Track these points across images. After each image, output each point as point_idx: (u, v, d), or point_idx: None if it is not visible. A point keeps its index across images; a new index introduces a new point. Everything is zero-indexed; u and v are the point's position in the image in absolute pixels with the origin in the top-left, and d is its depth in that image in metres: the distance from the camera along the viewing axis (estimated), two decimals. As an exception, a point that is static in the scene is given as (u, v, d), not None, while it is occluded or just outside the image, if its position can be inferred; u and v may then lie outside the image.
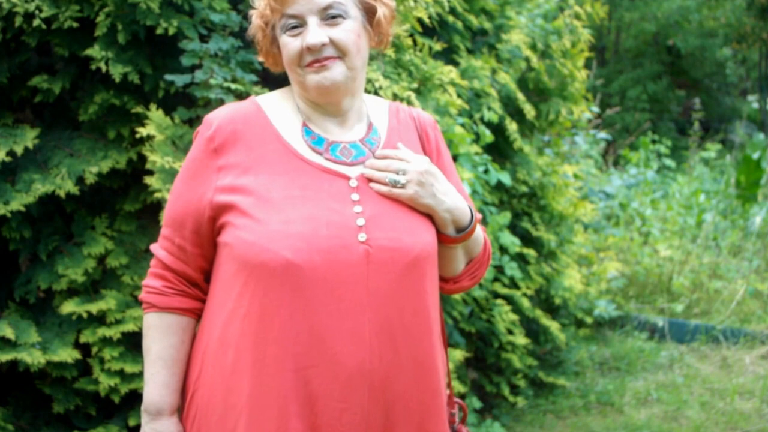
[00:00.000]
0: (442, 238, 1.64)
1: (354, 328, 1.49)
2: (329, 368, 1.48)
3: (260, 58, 1.69)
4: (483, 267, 1.76)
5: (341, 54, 1.55)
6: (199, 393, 1.58)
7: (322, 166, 1.58)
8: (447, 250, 1.66)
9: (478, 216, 1.73)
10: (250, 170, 1.55)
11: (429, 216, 1.61)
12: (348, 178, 1.58)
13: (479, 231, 1.71)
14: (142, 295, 1.64)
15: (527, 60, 4.19)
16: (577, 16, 4.55)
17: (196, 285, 1.65)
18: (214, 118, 1.61)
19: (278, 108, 1.65)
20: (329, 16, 1.56)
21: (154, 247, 1.67)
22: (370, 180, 1.59)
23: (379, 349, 1.50)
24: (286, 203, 1.51)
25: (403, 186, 1.58)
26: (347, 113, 1.64)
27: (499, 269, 3.94)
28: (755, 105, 18.94)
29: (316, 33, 1.53)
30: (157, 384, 1.62)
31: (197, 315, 1.66)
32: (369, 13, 1.62)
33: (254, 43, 1.67)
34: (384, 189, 1.58)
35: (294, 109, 1.65)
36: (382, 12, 1.63)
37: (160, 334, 1.62)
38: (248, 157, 1.57)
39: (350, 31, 1.56)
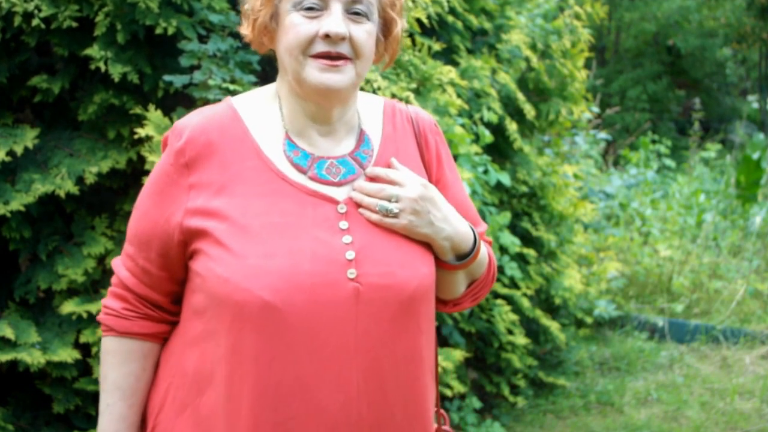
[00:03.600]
0: (442, 265, 1.47)
1: (340, 375, 1.32)
2: (313, 419, 1.32)
3: (243, 30, 1.46)
4: (486, 287, 1.59)
5: (355, 55, 1.37)
6: (159, 429, 1.44)
7: (306, 188, 1.38)
8: (447, 275, 1.50)
9: (488, 240, 1.61)
10: (225, 190, 1.36)
11: (427, 244, 1.44)
12: (336, 203, 1.39)
13: (484, 251, 1.54)
14: (101, 316, 1.47)
15: (527, 60, 4.19)
16: (577, 16, 4.55)
17: (161, 308, 1.47)
18: (184, 126, 1.41)
19: (258, 114, 1.45)
20: (355, 12, 1.38)
21: (116, 264, 1.49)
22: (360, 205, 1.41)
23: (367, 396, 1.34)
24: (265, 232, 1.32)
25: (395, 215, 1.40)
26: (336, 124, 1.44)
27: (499, 269, 3.94)
28: (755, 105, 18.93)
29: (340, 22, 1.34)
30: (113, 416, 1.45)
31: (162, 339, 1.49)
32: (386, 25, 1.46)
33: (241, 4, 1.46)
34: (374, 218, 1.39)
35: (276, 115, 1.45)
36: (400, 27, 1.47)
37: (119, 361, 1.46)
38: (223, 174, 1.37)
39: (370, 35, 1.39)
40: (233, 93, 2.55)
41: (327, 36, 1.34)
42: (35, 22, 2.42)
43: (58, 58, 2.66)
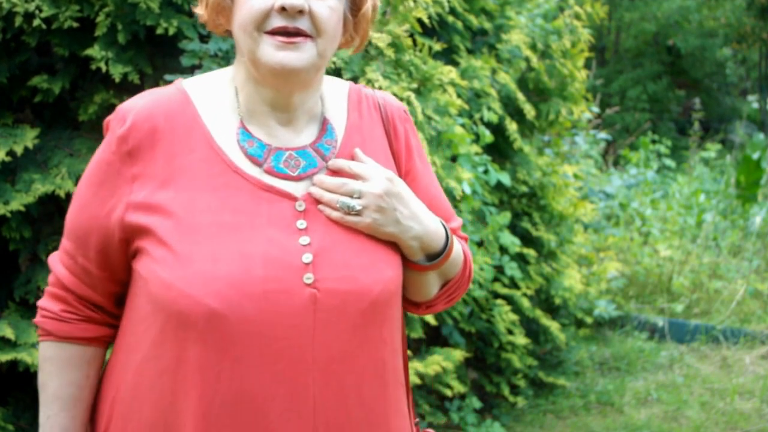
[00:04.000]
0: (411, 266, 1.34)
1: (295, 392, 1.20)
2: None
3: (198, 9, 1.33)
4: (462, 288, 1.46)
5: (316, 33, 1.23)
6: None
7: (261, 182, 1.25)
8: (417, 276, 1.37)
9: (463, 236, 1.49)
10: (171, 183, 1.23)
11: (393, 243, 1.32)
12: (294, 199, 1.26)
13: (458, 249, 1.41)
14: (38, 319, 1.34)
15: (527, 60, 4.19)
16: (577, 16, 4.55)
17: (103, 310, 1.34)
18: (128, 110, 1.27)
19: (212, 98, 1.31)
20: None
21: (53, 260, 1.35)
22: (320, 201, 1.28)
23: (325, 414, 1.22)
24: (213, 232, 1.20)
25: (358, 213, 1.27)
26: (296, 111, 1.31)
27: (499, 269, 3.94)
28: (755, 105, 18.94)
29: None
30: (53, 429, 1.33)
31: (107, 343, 1.36)
32: (354, 1, 1.34)
33: None
34: (335, 215, 1.26)
35: (231, 101, 1.31)
36: (370, 4, 1.34)
37: (59, 369, 1.32)
38: (169, 165, 1.24)
39: (334, 10, 1.25)
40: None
41: (283, 9, 1.20)
42: (36, 22, 2.42)
43: (59, 58, 2.66)
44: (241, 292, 1.17)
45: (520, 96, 4.08)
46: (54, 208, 2.66)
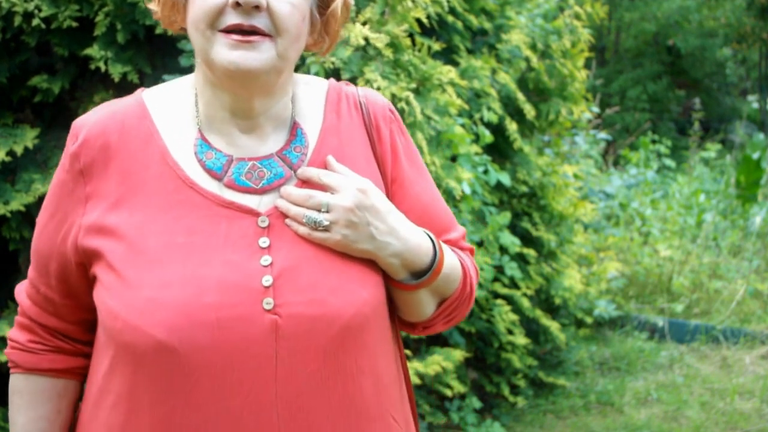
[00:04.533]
0: (396, 285, 1.21)
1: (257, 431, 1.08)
2: None
3: (152, 5, 1.23)
4: (463, 306, 1.31)
5: (275, 32, 1.12)
6: None
7: (219, 198, 1.14)
8: (406, 296, 1.23)
9: (468, 246, 1.35)
10: (124, 203, 1.14)
11: (369, 261, 1.18)
12: (256, 215, 1.15)
13: (452, 264, 1.26)
14: (6, 350, 1.27)
15: (527, 60, 4.19)
16: (577, 16, 4.55)
17: (73, 339, 1.25)
18: (81, 125, 1.19)
19: (170, 107, 1.22)
20: None
21: (19, 290, 1.30)
22: (286, 216, 1.16)
23: None
24: (164, 255, 1.10)
25: (326, 228, 1.14)
26: (259, 117, 1.19)
27: (499, 269, 3.94)
28: (755, 105, 18.95)
29: None
30: None
31: (81, 375, 1.27)
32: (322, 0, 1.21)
33: None
34: (302, 231, 1.15)
35: (190, 110, 1.21)
36: (340, 2, 1.22)
37: (28, 402, 1.24)
38: (123, 184, 1.15)
39: (296, 7, 1.13)
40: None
41: (237, 4, 1.09)
42: (35, 22, 2.42)
43: (58, 58, 2.66)
44: (191, 320, 1.06)
45: (520, 96, 4.08)
46: (54, 208, 2.66)
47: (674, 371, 5.04)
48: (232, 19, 1.10)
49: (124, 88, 2.64)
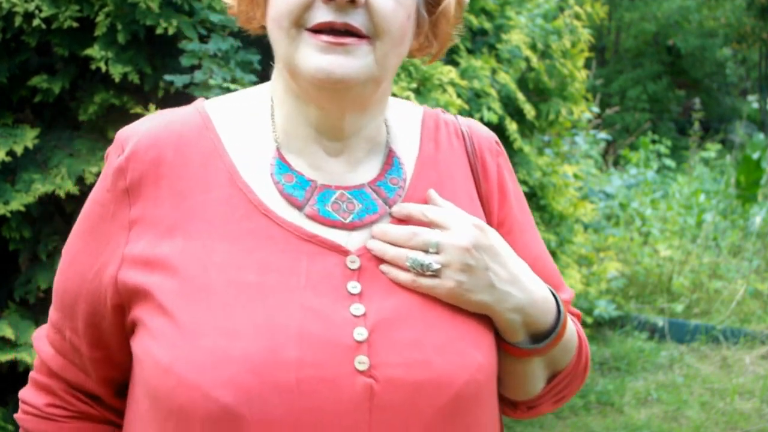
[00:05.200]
0: (509, 349, 1.00)
1: None
2: None
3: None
4: (576, 383, 1.10)
5: (375, 33, 0.92)
6: None
7: (301, 230, 0.95)
8: (515, 365, 1.02)
9: (575, 312, 1.15)
10: (179, 231, 0.94)
11: (482, 317, 0.97)
12: (345, 253, 0.95)
13: (571, 329, 1.06)
14: (18, 415, 1.06)
15: (527, 60, 4.20)
16: (577, 16, 4.55)
17: (101, 402, 1.04)
18: (129, 135, 0.99)
19: (240, 122, 1.02)
20: None
21: (38, 337, 1.07)
22: (380, 260, 0.96)
23: None
24: (231, 296, 0.89)
25: (435, 273, 0.94)
26: (351, 138, 1.00)
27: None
28: (755, 105, 18.95)
29: None
30: None
31: None
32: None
33: None
34: (404, 278, 0.95)
35: (265, 125, 1.02)
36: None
37: None
38: (178, 207, 0.95)
39: (400, 4, 0.93)
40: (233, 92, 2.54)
41: None
42: (36, 22, 2.42)
43: (59, 58, 2.66)
44: (264, 380, 0.85)
45: (520, 96, 4.08)
46: (54, 208, 2.66)
47: (674, 371, 5.04)
48: (323, 15, 0.91)
49: (124, 89, 2.64)
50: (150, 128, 1.00)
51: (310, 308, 0.90)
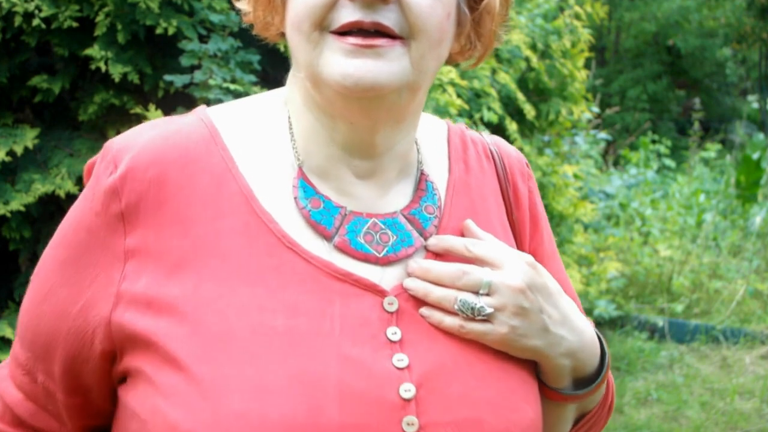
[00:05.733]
0: (549, 395, 0.91)
1: None
2: None
3: (242, 4, 0.92)
4: (601, 422, 1.03)
5: (410, 33, 0.80)
6: None
7: (331, 266, 0.82)
8: (551, 408, 0.93)
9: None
10: (187, 266, 0.80)
11: (529, 362, 0.88)
12: (382, 294, 0.83)
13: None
14: None
15: (527, 60, 4.20)
16: (577, 16, 4.55)
17: None
18: (123, 149, 0.84)
19: (253, 136, 0.88)
20: None
21: (1, 377, 0.91)
22: (421, 301, 0.84)
23: None
24: (257, 345, 0.77)
25: (486, 318, 0.83)
26: (383, 156, 0.87)
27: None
28: (755, 105, 18.96)
29: None
30: None
31: None
32: None
33: None
34: (450, 323, 0.83)
35: (284, 140, 0.88)
36: None
37: None
38: (185, 236, 0.81)
39: (439, 1, 0.82)
40: (234, 92, 2.55)
41: None
42: (36, 22, 2.42)
43: (58, 58, 2.66)
44: None
45: (520, 96, 4.08)
46: (54, 208, 2.66)
47: (674, 371, 5.04)
48: (349, 15, 0.79)
49: (124, 88, 2.64)
50: (149, 141, 0.84)
51: (349, 358, 0.78)
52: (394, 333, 0.81)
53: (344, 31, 0.80)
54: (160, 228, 0.81)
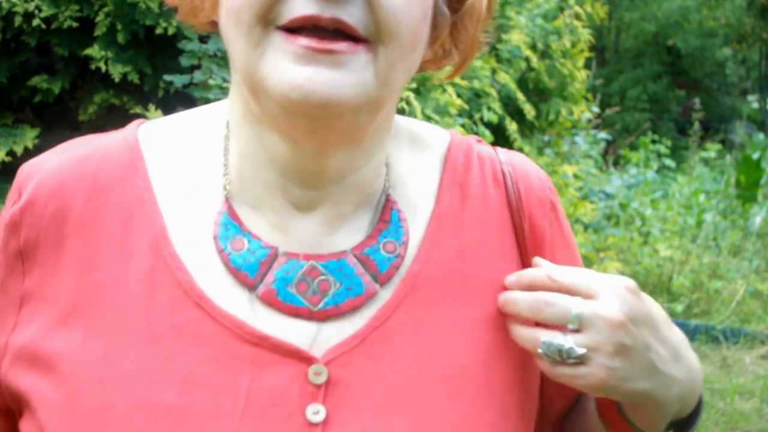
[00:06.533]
0: None
1: None
2: None
3: None
4: None
5: (378, 35, 0.63)
6: None
7: (245, 327, 0.66)
8: None
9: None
10: (77, 316, 0.67)
11: (525, 422, 0.74)
12: (309, 362, 0.66)
13: None
14: None
15: (527, 60, 4.20)
16: (577, 16, 4.56)
17: None
18: (30, 175, 0.72)
19: (181, 159, 0.73)
20: None
21: None
22: (374, 364, 0.68)
23: None
24: (136, 425, 0.63)
25: (579, 360, 0.66)
26: (333, 185, 0.71)
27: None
28: (755, 105, 18.96)
29: None
30: None
31: None
32: None
33: None
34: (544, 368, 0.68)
35: (215, 162, 0.73)
36: None
37: None
38: (82, 281, 0.68)
39: (414, 1, 0.64)
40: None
41: None
42: (36, 22, 2.43)
43: (58, 58, 2.66)
44: None
45: (520, 96, 4.08)
46: (54, 208, 2.66)
47: (674, 371, 5.05)
48: (302, 7, 0.61)
49: (124, 88, 2.64)
50: (55, 168, 0.70)
51: None
52: (315, 413, 0.64)
53: (295, 28, 0.62)
54: (57, 269, 0.68)
